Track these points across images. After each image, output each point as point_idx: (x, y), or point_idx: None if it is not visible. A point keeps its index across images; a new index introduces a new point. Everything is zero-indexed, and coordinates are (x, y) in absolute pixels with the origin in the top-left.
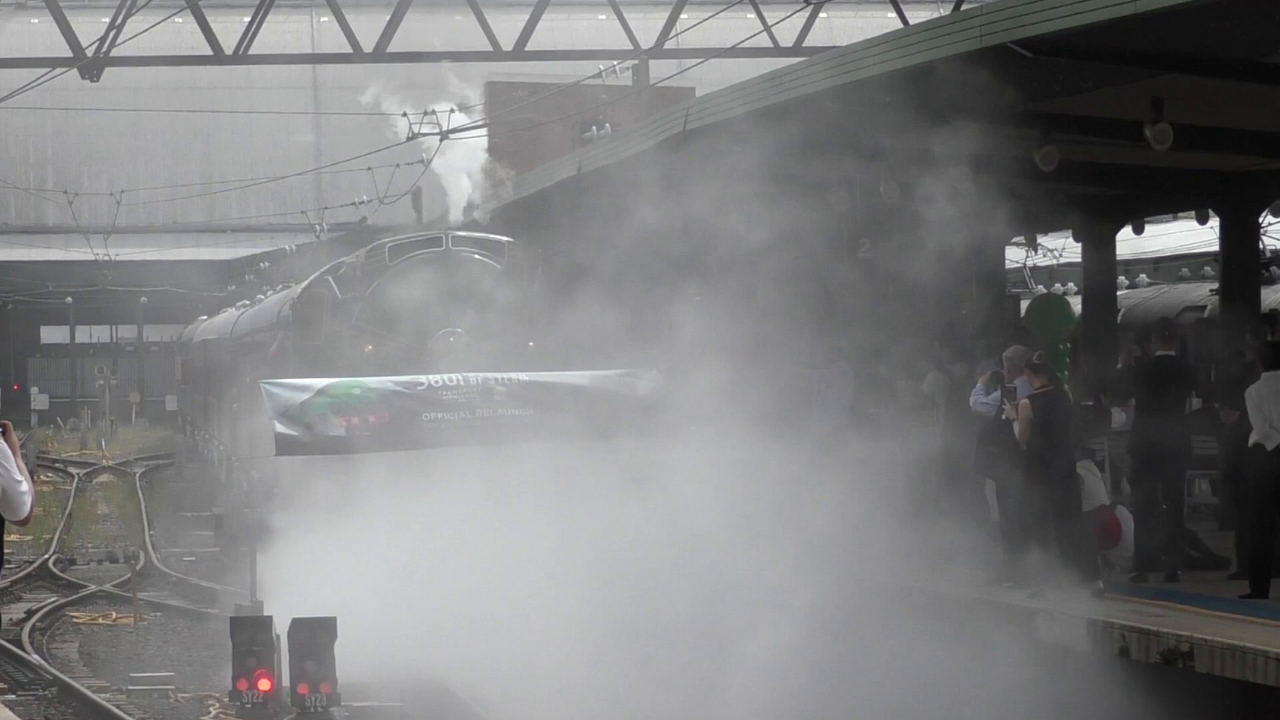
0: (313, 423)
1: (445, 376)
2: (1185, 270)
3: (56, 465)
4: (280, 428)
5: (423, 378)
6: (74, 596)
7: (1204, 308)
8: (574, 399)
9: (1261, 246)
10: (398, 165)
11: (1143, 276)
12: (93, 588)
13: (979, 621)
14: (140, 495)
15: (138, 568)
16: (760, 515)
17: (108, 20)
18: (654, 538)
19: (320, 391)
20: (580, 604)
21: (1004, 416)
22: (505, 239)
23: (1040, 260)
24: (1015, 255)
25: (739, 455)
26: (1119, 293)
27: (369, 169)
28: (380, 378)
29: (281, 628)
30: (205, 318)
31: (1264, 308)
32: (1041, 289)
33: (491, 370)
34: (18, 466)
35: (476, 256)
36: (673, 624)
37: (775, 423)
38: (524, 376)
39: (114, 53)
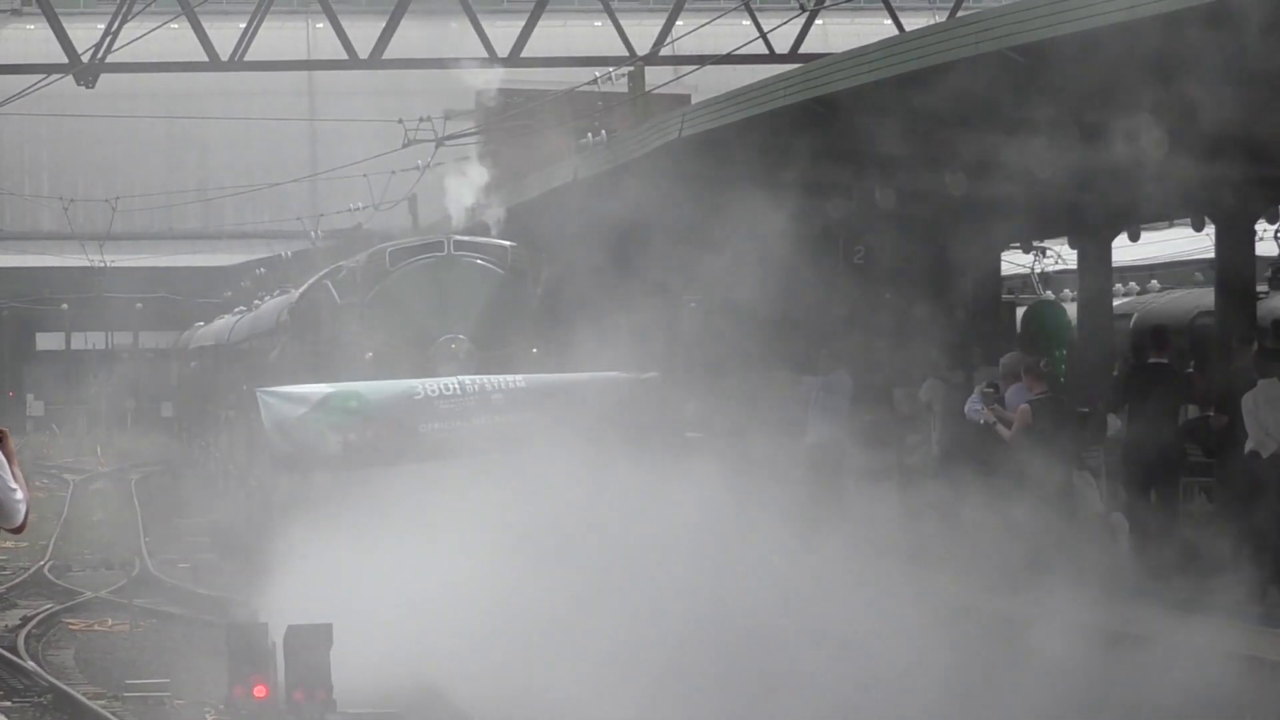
0: (310, 440)
1: (442, 384)
2: (1199, 275)
3: (51, 472)
4: (276, 442)
5: (419, 385)
6: (69, 603)
7: None
8: (572, 401)
9: None
10: (393, 172)
11: (1154, 281)
12: (88, 594)
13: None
14: (136, 502)
15: (133, 574)
16: (754, 521)
17: (103, 27)
18: (658, 543)
19: (317, 406)
20: (579, 609)
21: (980, 421)
22: (508, 243)
23: (1051, 266)
24: (1024, 261)
25: (736, 459)
26: (1131, 298)
27: (365, 175)
28: (378, 382)
29: (278, 634)
30: (201, 324)
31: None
32: (1050, 295)
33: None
34: (13, 474)
35: (479, 261)
36: (677, 632)
37: (773, 428)
38: (521, 381)
39: (110, 59)
